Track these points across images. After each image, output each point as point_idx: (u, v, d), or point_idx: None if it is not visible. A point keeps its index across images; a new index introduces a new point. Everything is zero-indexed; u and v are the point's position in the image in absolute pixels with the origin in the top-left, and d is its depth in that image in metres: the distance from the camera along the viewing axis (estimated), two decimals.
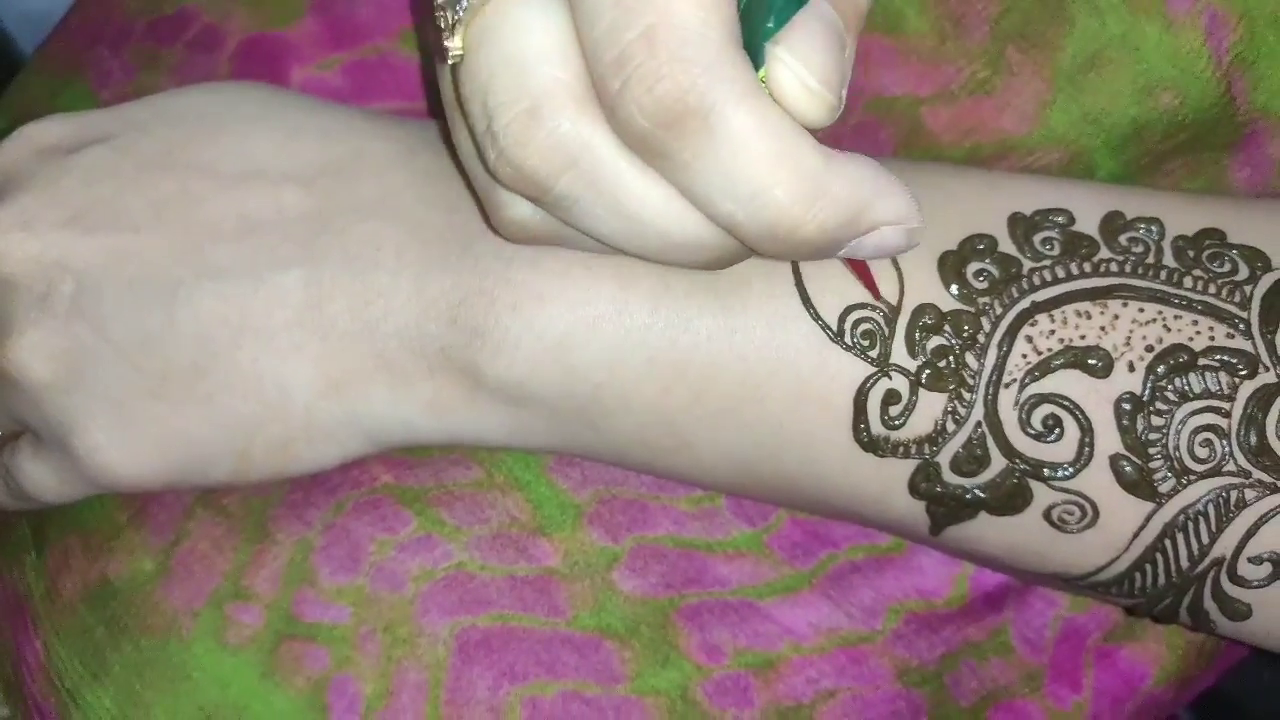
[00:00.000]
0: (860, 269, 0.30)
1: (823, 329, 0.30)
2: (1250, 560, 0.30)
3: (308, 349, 0.31)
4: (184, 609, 0.33)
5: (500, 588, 0.33)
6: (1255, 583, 0.30)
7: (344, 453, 0.33)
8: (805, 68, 0.25)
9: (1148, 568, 0.30)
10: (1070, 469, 0.30)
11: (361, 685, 0.32)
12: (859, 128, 0.36)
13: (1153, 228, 0.31)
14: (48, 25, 0.44)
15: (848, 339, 0.30)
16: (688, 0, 0.24)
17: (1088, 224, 0.31)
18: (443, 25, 0.27)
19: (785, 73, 0.25)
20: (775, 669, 0.33)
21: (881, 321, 0.30)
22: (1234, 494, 0.29)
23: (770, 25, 0.26)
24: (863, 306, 0.30)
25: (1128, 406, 0.29)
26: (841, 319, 0.30)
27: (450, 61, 0.27)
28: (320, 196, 0.32)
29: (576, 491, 0.34)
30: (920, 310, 0.30)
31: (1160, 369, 0.29)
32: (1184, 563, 0.30)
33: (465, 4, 0.26)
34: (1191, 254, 0.30)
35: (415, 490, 0.34)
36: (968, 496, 0.30)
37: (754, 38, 0.26)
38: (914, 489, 0.31)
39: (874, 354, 0.30)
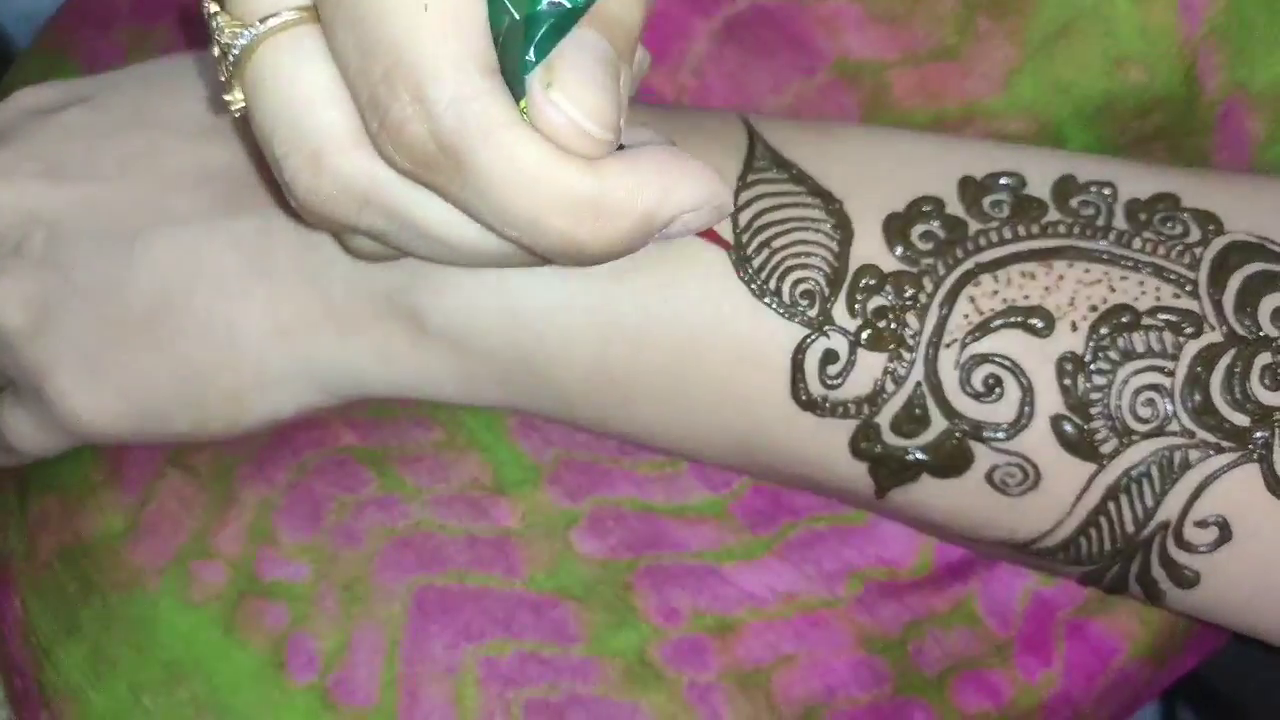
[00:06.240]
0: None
1: (750, 287, 0.30)
2: (1196, 524, 0.29)
3: (256, 293, 0.32)
4: (151, 566, 0.34)
5: (459, 546, 0.34)
6: (1202, 548, 0.30)
7: (297, 402, 0.33)
8: (574, 106, 0.24)
9: (1092, 532, 0.30)
10: (1011, 429, 0.30)
11: (319, 642, 0.33)
12: (825, 90, 0.36)
13: (1105, 191, 0.31)
14: None
15: (785, 298, 0.30)
16: (426, 36, 0.23)
17: (1039, 188, 0.31)
18: (221, 78, 0.26)
19: (551, 110, 0.24)
20: (734, 632, 0.33)
21: (823, 282, 0.30)
22: (1178, 455, 0.29)
23: (530, 59, 0.24)
24: (803, 267, 0.30)
25: (1069, 366, 0.29)
26: (780, 278, 0.30)
27: (235, 114, 0.26)
28: None
29: (538, 453, 0.35)
30: (862, 271, 0.30)
31: (1103, 329, 0.29)
32: (1129, 527, 0.30)
33: (233, 57, 0.25)
34: (1143, 216, 0.30)
35: (378, 451, 0.35)
36: (909, 458, 0.30)
37: (514, 67, 0.24)
38: (855, 450, 0.31)
39: (813, 314, 0.30)
